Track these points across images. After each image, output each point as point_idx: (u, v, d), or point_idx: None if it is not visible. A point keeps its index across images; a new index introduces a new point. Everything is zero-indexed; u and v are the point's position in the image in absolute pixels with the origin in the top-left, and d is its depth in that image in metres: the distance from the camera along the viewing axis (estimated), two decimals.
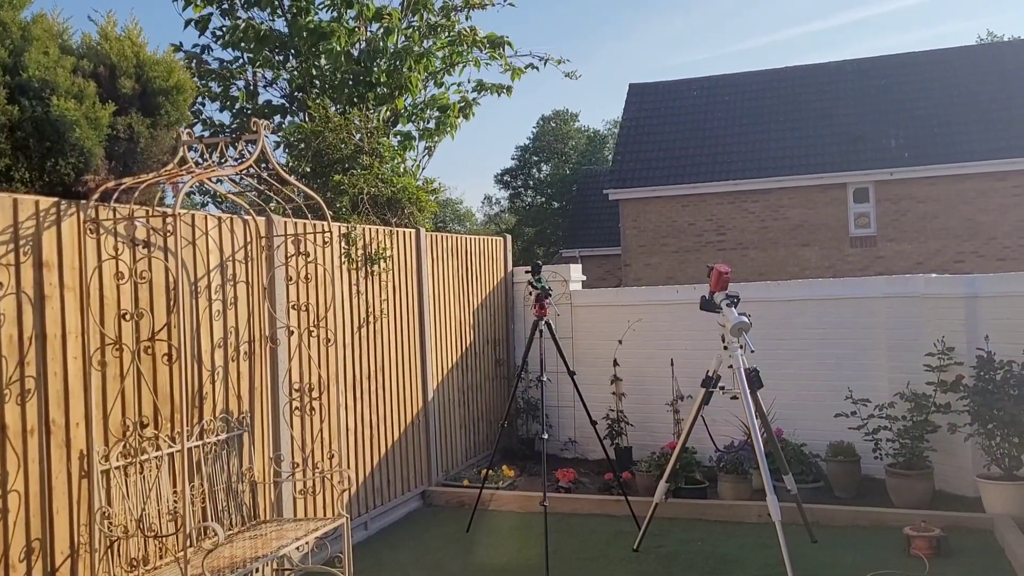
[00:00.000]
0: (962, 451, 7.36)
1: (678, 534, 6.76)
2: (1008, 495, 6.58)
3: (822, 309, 8.62)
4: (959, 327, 7.54)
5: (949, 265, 18.65)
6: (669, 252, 21.53)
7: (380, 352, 7.31)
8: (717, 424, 7.90)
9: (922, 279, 8.25)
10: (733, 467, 7.52)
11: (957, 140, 19.44)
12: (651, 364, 9.15)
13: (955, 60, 21.72)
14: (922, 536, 5.98)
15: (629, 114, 24.13)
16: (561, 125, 48.19)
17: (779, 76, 23.32)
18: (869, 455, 7.67)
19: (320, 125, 8.22)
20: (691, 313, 6.23)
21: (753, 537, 6.58)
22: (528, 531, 6.88)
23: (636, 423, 9.11)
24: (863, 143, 20.35)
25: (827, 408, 8.03)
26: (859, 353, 8.35)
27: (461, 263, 9.00)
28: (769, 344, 8.40)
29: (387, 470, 7.35)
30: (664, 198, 21.63)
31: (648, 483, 7.60)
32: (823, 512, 6.87)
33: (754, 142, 21.54)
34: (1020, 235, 18.61)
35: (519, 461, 9.09)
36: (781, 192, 20.58)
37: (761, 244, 20.76)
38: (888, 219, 19.69)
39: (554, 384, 9.21)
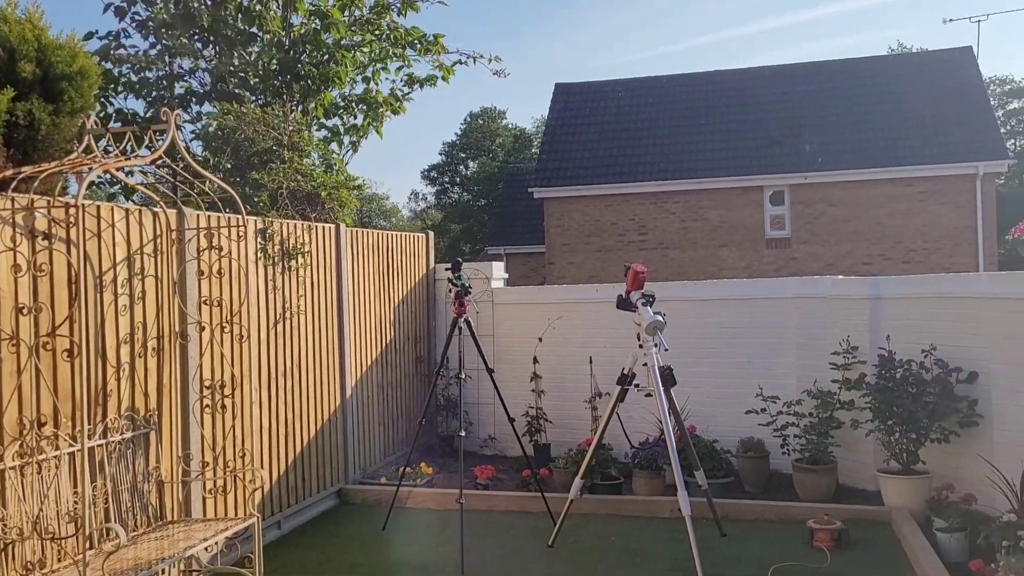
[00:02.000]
0: (864, 447, 7.66)
1: (593, 529, 6.85)
2: (905, 489, 6.86)
3: (735, 309, 8.84)
4: (863, 327, 7.84)
5: (858, 267, 19.33)
6: (592, 251, 21.77)
7: (297, 348, 7.21)
8: (633, 421, 8.06)
9: (830, 281, 8.54)
10: (647, 463, 7.67)
11: (868, 147, 20.16)
12: (571, 362, 9.25)
13: (866, 69, 22.53)
14: (824, 529, 6.19)
15: (555, 113, 24.30)
16: (489, 122, 48.23)
17: (701, 80, 23.80)
18: (777, 451, 7.93)
19: (239, 117, 8.05)
20: (610, 312, 6.32)
21: (666, 532, 6.71)
22: (445, 528, 6.88)
23: (555, 420, 9.19)
24: (780, 147, 20.94)
25: (739, 405, 8.26)
26: (770, 352, 8.59)
27: (382, 259, 8.93)
28: (685, 343, 8.59)
29: (302, 468, 7.25)
30: (588, 197, 21.86)
31: (565, 479, 7.68)
32: (733, 507, 7.05)
33: (676, 144, 21.94)
34: (924, 239, 19.42)
35: (438, 458, 9.08)
36: (702, 194, 21.02)
37: (682, 244, 21.17)
38: (802, 222, 20.31)
39: (474, 381, 9.23)
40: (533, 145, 44.65)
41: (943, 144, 19.55)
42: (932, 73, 21.70)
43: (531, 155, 41.48)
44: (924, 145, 19.70)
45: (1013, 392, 6.41)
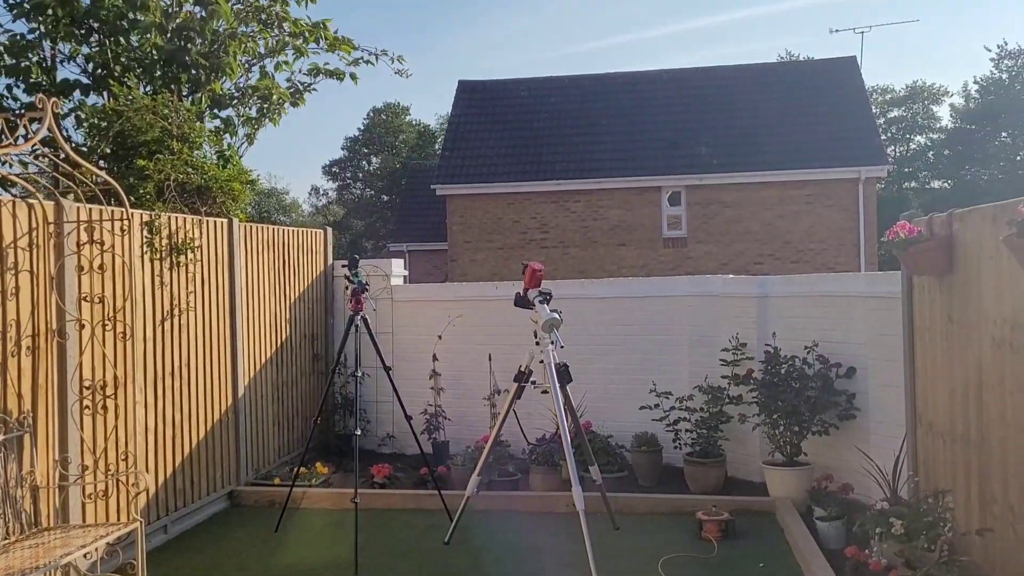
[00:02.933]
0: (751, 440, 7.94)
1: (490, 526, 6.88)
2: (789, 480, 7.15)
3: (631, 307, 9.03)
4: (751, 325, 8.13)
5: (751, 266, 20.04)
6: (494, 249, 21.85)
7: (186, 347, 6.98)
8: (532, 418, 8.13)
9: (720, 280, 8.82)
10: (544, 459, 7.75)
11: (760, 150, 20.90)
12: (471, 359, 9.26)
13: (759, 75, 23.36)
14: (712, 520, 6.39)
15: (458, 111, 24.28)
16: (392, 118, 47.80)
17: (603, 81, 24.18)
18: (670, 445, 8.14)
19: (123, 105, 7.72)
20: (510, 309, 6.37)
21: (561, 526, 6.79)
22: (340, 528, 6.78)
23: (454, 417, 9.19)
24: (677, 149, 21.49)
25: (634, 401, 8.44)
26: (664, 349, 8.81)
27: (278, 256, 8.74)
28: (582, 340, 8.73)
29: (191, 470, 7.02)
30: (491, 195, 21.93)
31: (463, 477, 7.67)
32: (626, 500, 7.20)
33: (578, 144, 22.24)
34: (811, 239, 20.28)
35: (335, 458, 8.95)
36: (602, 193, 21.37)
37: (582, 243, 21.47)
38: (698, 222, 20.90)
39: (373, 379, 9.14)
40: (437, 142, 44.50)
41: (829, 149, 20.45)
42: (819, 81, 22.66)
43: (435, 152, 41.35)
44: (811, 150, 20.56)
45: (886, 386, 6.75)
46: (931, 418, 5.77)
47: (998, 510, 4.70)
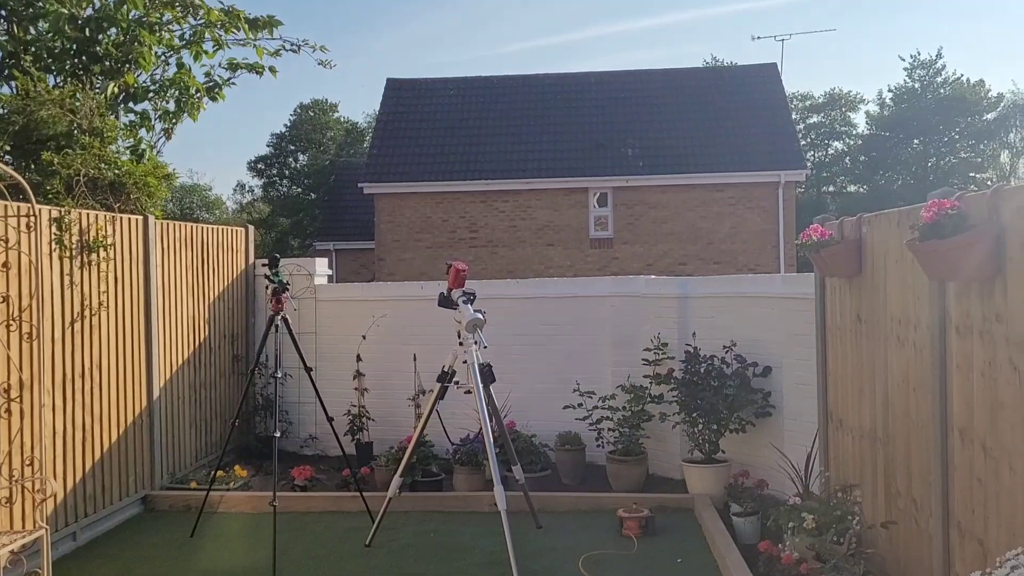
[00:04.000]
0: (672, 438, 8.09)
1: (412, 527, 6.84)
2: (707, 476, 7.30)
3: (556, 306, 9.10)
4: (673, 325, 8.28)
5: (675, 267, 20.39)
6: (423, 248, 21.75)
7: (98, 348, 6.75)
8: (456, 418, 8.11)
9: (643, 280, 8.95)
10: (467, 459, 7.75)
11: (684, 153, 21.31)
12: (396, 359, 9.20)
13: (684, 80, 23.81)
14: (633, 517, 6.49)
15: (386, 109, 24.09)
16: (320, 115, 47.12)
17: (531, 82, 24.31)
18: (593, 444, 8.22)
19: (26, 97, 7.42)
20: (436, 309, 6.35)
21: (484, 526, 6.80)
22: (258, 532, 6.65)
23: (378, 418, 9.12)
24: (604, 151, 21.73)
25: (558, 400, 8.50)
26: (587, 348, 8.90)
27: (197, 254, 8.53)
28: (508, 339, 8.76)
29: (102, 475, 6.80)
30: (419, 194, 21.82)
31: (387, 478, 7.62)
32: (549, 499, 7.25)
33: (506, 144, 22.31)
34: (733, 241, 20.76)
35: (256, 460, 8.78)
36: (530, 193, 21.47)
37: (511, 243, 21.54)
38: (624, 223, 21.18)
39: (295, 380, 9.00)
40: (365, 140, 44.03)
41: (750, 153, 20.97)
42: (741, 87, 23.22)
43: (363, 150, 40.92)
44: (733, 154, 21.04)
45: (800, 384, 6.96)
46: (841, 415, 5.96)
47: (902, 503, 4.88)
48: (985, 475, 3.86)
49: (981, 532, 3.90)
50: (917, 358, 4.62)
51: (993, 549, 3.71)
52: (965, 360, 4.06)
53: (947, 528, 4.25)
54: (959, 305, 4.11)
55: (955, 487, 4.18)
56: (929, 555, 4.44)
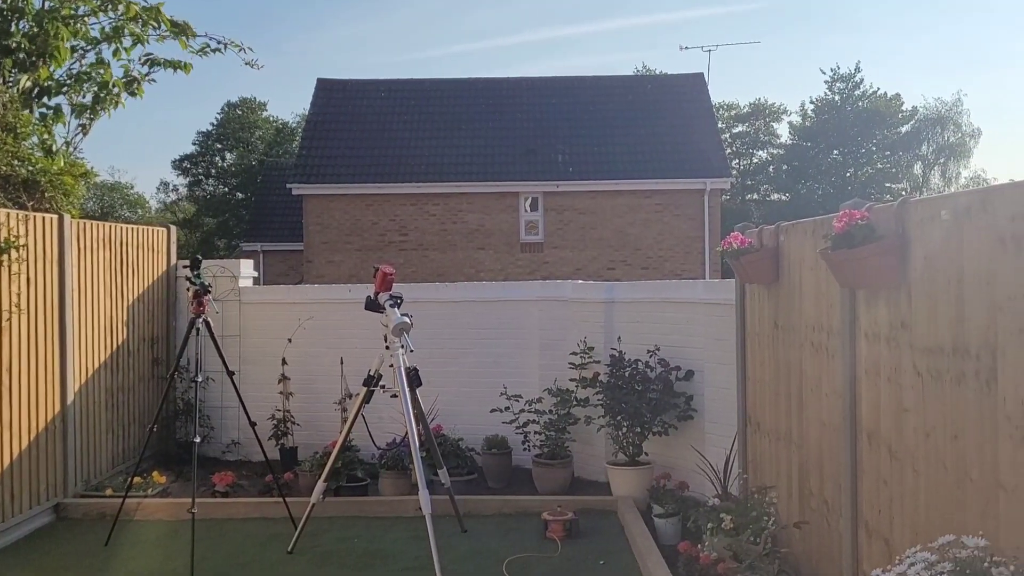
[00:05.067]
0: (597, 441, 8.18)
1: (336, 532, 6.77)
2: (630, 479, 7.42)
3: (485, 310, 9.12)
4: (599, 329, 8.38)
5: (603, 271, 20.65)
6: (353, 250, 21.56)
7: (7, 352, 6.50)
8: (383, 422, 8.06)
9: (570, 285, 9.04)
10: (393, 464, 7.71)
11: (613, 159, 21.61)
12: (322, 363, 9.09)
13: (614, 87, 24.15)
14: (557, 520, 6.54)
15: (316, 109, 23.82)
16: (248, 113, 46.31)
17: (464, 86, 24.33)
18: (520, 447, 8.27)
19: None
20: (363, 312, 6.31)
21: (410, 531, 6.78)
22: (176, 540, 6.50)
23: (304, 422, 9.00)
24: (535, 156, 21.89)
25: (486, 404, 8.52)
26: (515, 352, 8.95)
27: (115, 254, 8.29)
28: (436, 343, 8.76)
29: (10, 483, 6.55)
30: (349, 196, 21.62)
31: (311, 483, 7.51)
32: (475, 503, 7.26)
33: (437, 147, 22.28)
34: (660, 247, 21.12)
35: (176, 466, 8.57)
36: (461, 197, 21.48)
37: (441, 246, 21.51)
38: (554, 227, 21.35)
39: (218, 384, 8.82)
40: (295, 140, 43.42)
41: (677, 161, 21.38)
42: (669, 95, 23.66)
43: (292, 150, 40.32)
44: (661, 161, 21.43)
45: (721, 388, 7.12)
46: (759, 418, 6.12)
47: (815, 504, 5.05)
48: (891, 477, 4.02)
49: (887, 531, 4.06)
50: (829, 364, 4.78)
51: (897, 547, 3.86)
52: (873, 366, 4.22)
53: (856, 527, 4.41)
54: (868, 313, 4.27)
55: (863, 488, 4.34)
56: (839, 554, 4.59)
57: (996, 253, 3.13)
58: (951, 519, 3.42)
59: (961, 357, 3.38)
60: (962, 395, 3.37)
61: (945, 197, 3.67)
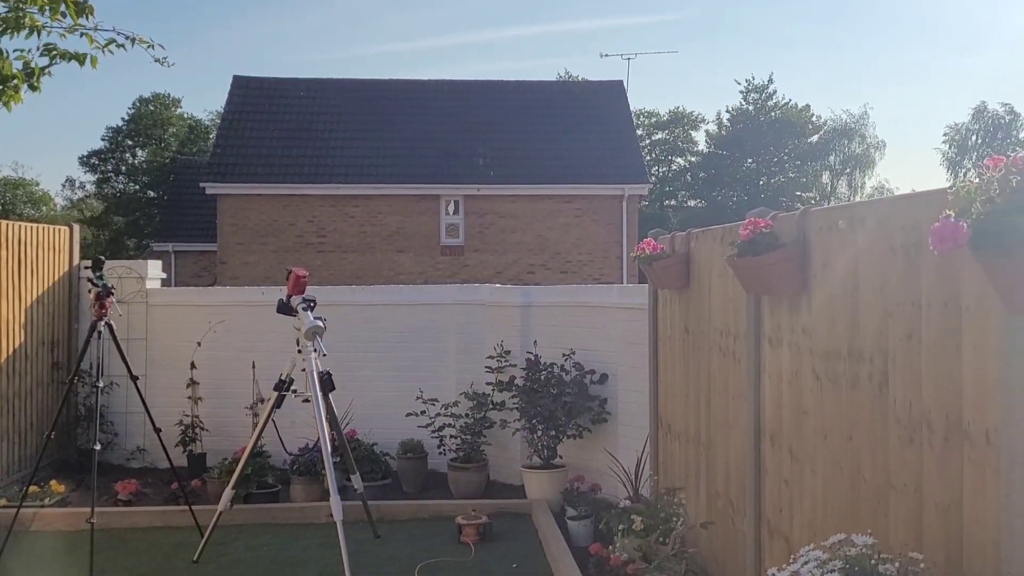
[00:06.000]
0: (513, 444, 8.21)
1: (245, 540, 6.62)
2: (545, 482, 7.46)
3: (403, 313, 9.06)
4: (515, 333, 8.41)
5: (523, 275, 20.75)
6: (269, 251, 21.13)
7: None
8: (296, 427, 7.92)
9: (488, 289, 9.06)
10: (306, 469, 7.59)
11: (534, 164, 21.75)
12: (234, 367, 8.88)
13: (537, 92, 24.34)
14: (471, 524, 6.54)
15: (232, 106, 23.28)
16: (161, 110, 44.96)
17: (384, 87, 24.14)
18: (435, 451, 8.23)
19: None
20: (277, 315, 6.19)
21: (321, 537, 6.66)
22: (75, 551, 6.23)
23: (214, 428, 8.77)
24: (456, 159, 21.86)
25: (402, 408, 8.44)
26: (433, 356, 8.91)
27: (13, 254, 7.94)
28: (352, 347, 8.65)
29: None
30: (265, 196, 21.20)
31: (220, 490, 7.30)
32: (389, 508, 7.20)
33: (357, 148, 22.03)
34: (579, 251, 21.35)
35: (76, 475, 8.22)
36: (381, 199, 21.30)
37: (360, 248, 21.28)
38: (474, 231, 21.36)
39: (123, 389, 8.53)
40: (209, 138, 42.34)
41: (596, 166, 21.65)
42: (589, 101, 23.96)
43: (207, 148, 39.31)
44: (581, 166, 21.67)
45: (634, 391, 7.23)
46: (670, 421, 6.24)
47: (721, 504, 5.17)
48: (791, 477, 4.15)
49: (787, 530, 4.18)
50: (736, 367, 4.90)
51: (797, 546, 3.97)
52: (776, 370, 4.34)
53: (759, 527, 4.53)
54: (771, 318, 4.39)
55: (766, 489, 4.46)
56: (743, 553, 4.71)
57: (888, 261, 3.26)
58: (846, 518, 3.54)
59: (856, 361, 3.51)
60: (857, 398, 3.50)
61: (843, 207, 3.82)
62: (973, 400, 2.74)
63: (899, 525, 3.15)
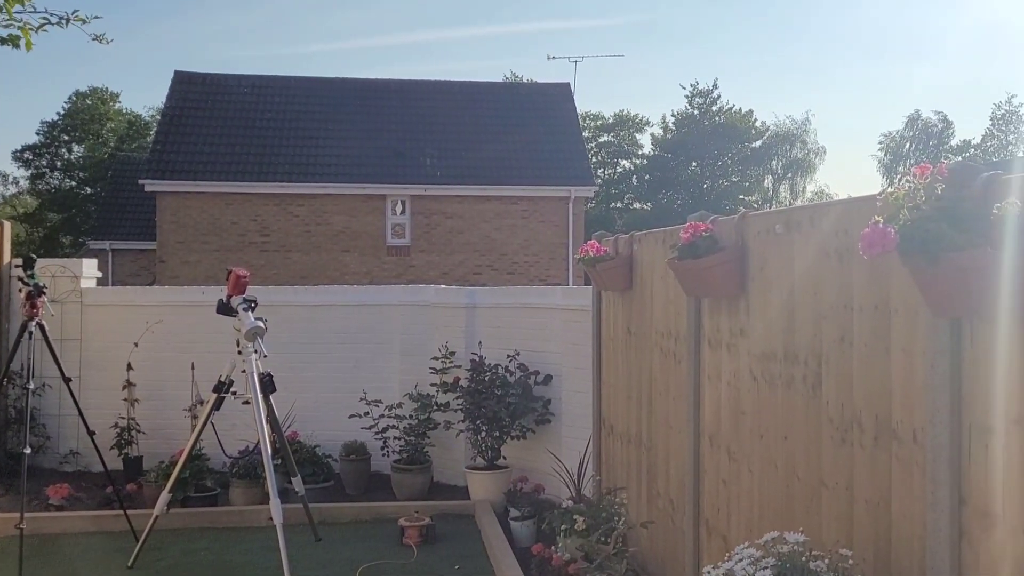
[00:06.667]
0: (457, 445, 8.20)
1: (182, 545, 6.49)
2: (488, 482, 7.47)
3: (347, 314, 8.97)
4: (460, 334, 8.40)
5: (470, 276, 20.73)
6: (210, 251, 20.75)
7: None
8: (237, 429, 7.78)
9: (433, 289, 9.03)
10: (246, 472, 7.47)
11: (481, 165, 21.75)
12: (172, 368, 8.70)
13: (484, 93, 24.35)
14: (413, 526, 6.51)
15: (173, 102, 22.80)
16: (99, 104, 43.88)
17: (331, 85, 23.88)
18: (379, 453, 8.18)
19: None
20: (218, 316, 6.08)
21: (261, 541, 6.57)
22: (3, 558, 6.05)
23: (151, 431, 8.58)
24: (403, 159, 21.74)
25: (345, 410, 8.37)
26: (377, 357, 8.85)
27: None
28: (295, 348, 8.55)
29: None
30: (207, 194, 20.81)
31: (156, 494, 7.15)
32: (331, 510, 7.13)
33: (303, 147, 21.77)
34: (526, 252, 21.41)
35: (6, 479, 7.97)
36: (326, 198, 21.08)
37: (305, 248, 21.03)
38: (421, 231, 21.28)
39: (55, 391, 8.28)
40: (149, 134, 41.44)
41: (543, 168, 21.75)
42: (537, 103, 24.05)
43: (147, 144, 38.47)
44: (527, 168, 21.75)
45: (578, 392, 7.28)
46: (613, 421, 6.30)
47: (662, 504, 5.23)
48: (729, 477, 4.22)
49: (725, 528, 4.25)
50: (676, 369, 4.97)
51: (734, 544, 4.04)
52: (715, 371, 4.42)
53: (697, 526, 4.60)
54: (711, 320, 4.46)
55: (705, 488, 4.53)
56: (683, 551, 4.78)
57: (822, 265, 3.34)
58: (781, 516, 3.62)
59: (791, 363, 3.59)
60: (792, 399, 3.58)
61: (780, 212, 3.90)
62: (901, 401, 2.82)
63: (831, 522, 3.23)
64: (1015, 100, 46.64)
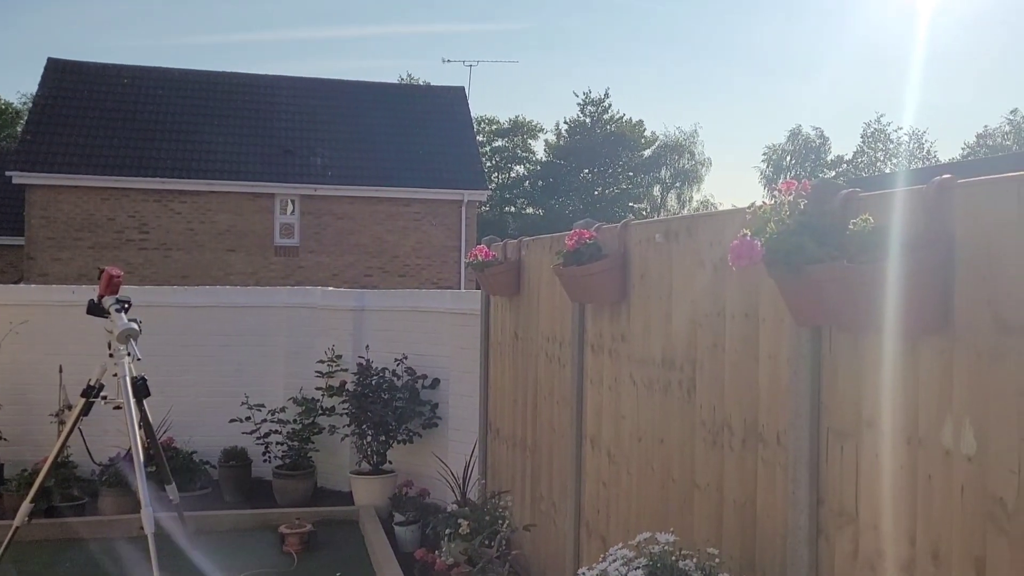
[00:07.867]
0: (342, 450, 8.08)
1: (45, 557, 6.17)
2: (373, 488, 7.39)
3: (229, 316, 8.72)
4: (348, 337, 8.29)
5: (361, 278, 20.46)
6: (84, 247, 19.76)
7: None
8: (109, 435, 7.43)
9: (319, 292, 8.88)
10: (116, 480, 7.15)
11: (373, 165, 21.51)
12: (39, 371, 8.25)
13: (378, 93, 24.09)
14: (294, 533, 6.38)
15: (45, 90, 21.58)
16: None
17: (218, 79, 23.13)
18: (260, 459, 7.97)
19: None
20: (88, 317, 5.79)
21: (132, 551, 6.26)
22: None
23: (14, 437, 8.09)
24: (293, 157, 21.28)
25: (225, 415, 8.14)
26: (260, 360, 8.63)
27: None
28: (172, 350, 8.25)
29: None
30: (81, 188, 19.80)
31: (18, 504, 6.75)
32: (209, 518, 6.90)
33: (186, 142, 20.99)
34: (418, 255, 21.31)
35: None
36: (211, 196, 20.40)
37: (187, 246, 20.29)
38: (311, 231, 20.86)
39: None
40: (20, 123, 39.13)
41: (437, 171, 21.69)
42: (431, 106, 23.98)
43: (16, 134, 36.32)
44: (421, 170, 21.64)
45: (465, 396, 7.30)
46: (499, 425, 6.34)
47: (544, 507, 5.30)
48: (609, 479, 4.31)
49: (604, 530, 4.34)
50: (561, 373, 5.05)
51: (612, 545, 4.13)
52: (597, 375, 4.51)
53: (578, 528, 4.68)
54: (594, 326, 4.55)
55: (586, 490, 4.62)
56: (564, 553, 4.85)
57: (698, 274, 3.45)
58: (656, 517, 3.72)
59: (668, 368, 3.70)
60: (668, 403, 3.69)
61: (660, 221, 4.01)
62: (768, 405, 2.95)
63: (702, 522, 3.34)
64: (883, 119, 49.59)
